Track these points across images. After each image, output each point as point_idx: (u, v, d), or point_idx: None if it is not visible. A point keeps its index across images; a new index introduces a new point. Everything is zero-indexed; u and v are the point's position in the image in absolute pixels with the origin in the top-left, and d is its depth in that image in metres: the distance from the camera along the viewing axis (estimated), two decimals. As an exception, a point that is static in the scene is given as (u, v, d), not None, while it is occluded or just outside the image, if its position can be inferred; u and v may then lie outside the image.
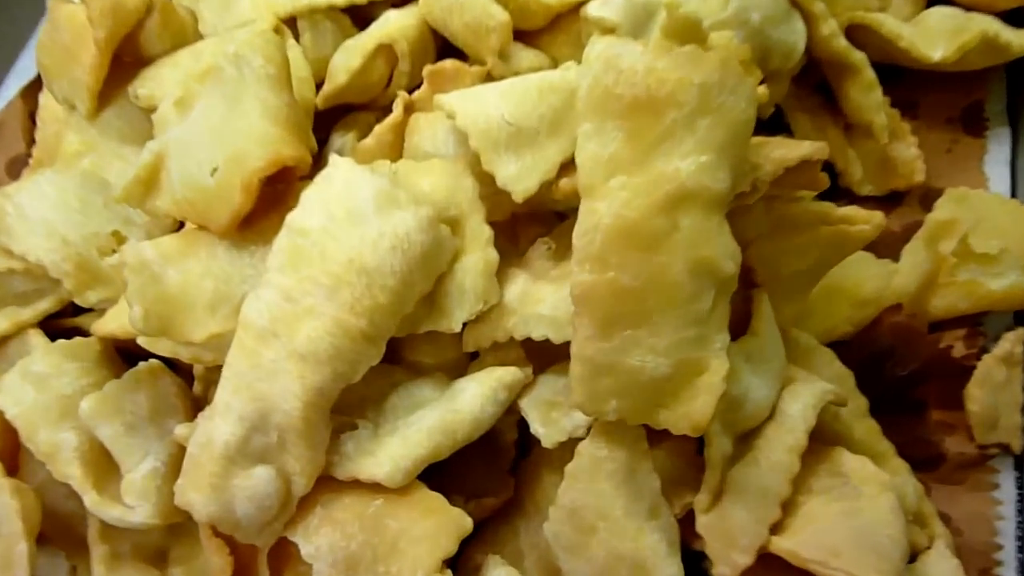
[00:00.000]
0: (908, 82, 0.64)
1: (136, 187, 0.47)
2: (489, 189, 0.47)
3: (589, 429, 0.45)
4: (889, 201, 0.61)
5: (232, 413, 0.41)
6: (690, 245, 0.41)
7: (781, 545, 0.44)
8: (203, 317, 0.44)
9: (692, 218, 0.41)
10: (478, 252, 0.47)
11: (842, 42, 0.57)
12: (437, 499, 0.43)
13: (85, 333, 0.53)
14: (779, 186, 0.47)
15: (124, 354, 0.53)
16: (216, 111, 0.47)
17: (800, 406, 0.46)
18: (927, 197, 0.61)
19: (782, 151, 0.45)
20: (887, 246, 0.57)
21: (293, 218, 0.44)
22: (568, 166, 0.47)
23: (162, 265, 0.45)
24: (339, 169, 0.45)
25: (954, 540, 0.50)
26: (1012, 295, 0.53)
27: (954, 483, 0.52)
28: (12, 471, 0.48)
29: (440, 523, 0.42)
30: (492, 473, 0.49)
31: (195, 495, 0.41)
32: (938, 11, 0.63)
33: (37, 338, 0.52)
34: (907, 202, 0.61)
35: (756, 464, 0.45)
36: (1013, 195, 0.61)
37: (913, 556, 0.46)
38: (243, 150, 0.45)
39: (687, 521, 0.46)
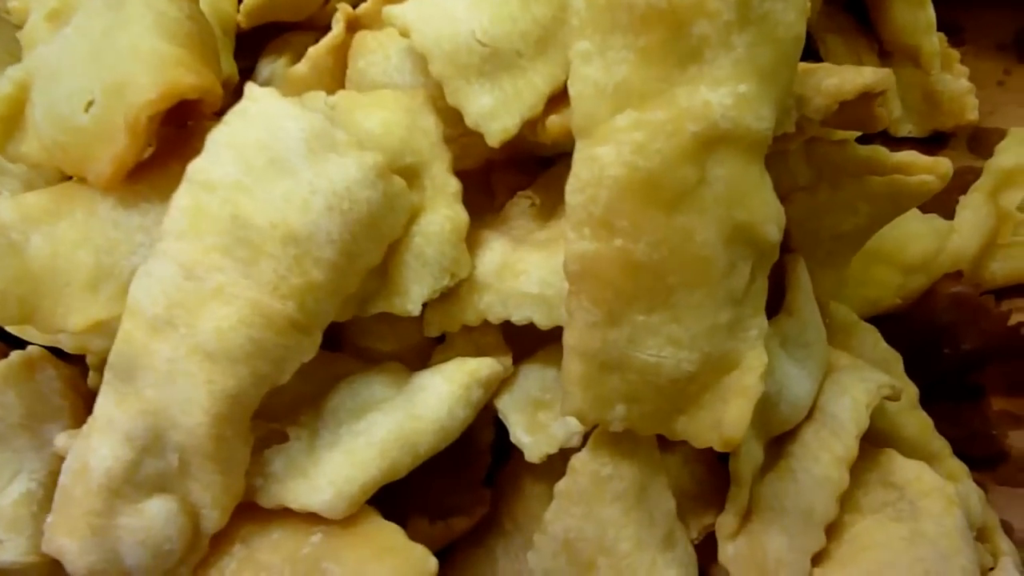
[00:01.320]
0: (951, 1, 0.55)
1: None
2: (456, 129, 0.37)
3: (586, 437, 0.35)
4: (932, 144, 0.53)
5: (116, 430, 0.31)
6: (724, 203, 0.31)
7: (828, 581, 0.35)
8: (81, 299, 0.34)
9: (726, 168, 0.31)
10: (442, 211, 0.37)
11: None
12: (392, 533, 0.34)
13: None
14: (826, 126, 0.37)
15: (4, 339, 0.42)
16: (95, 25, 0.36)
17: (848, 404, 0.37)
18: (977, 139, 0.52)
19: (835, 80, 0.35)
20: (934, 199, 0.48)
21: (196, 168, 0.33)
22: (559, 98, 0.36)
23: (24, 231, 0.34)
24: (258, 103, 0.34)
25: (1019, 554, 0.41)
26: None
27: (1019, 485, 0.43)
28: None
29: (396, 566, 0.32)
30: (462, 485, 0.40)
31: (68, 540, 0.31)
32: (992, -86, 0.54)
33: None
34: (954, 145, 0.53)
35: (794, 478, 0.36)
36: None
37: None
38: (127, 76, 0.33)
39: (706, 546, 0.37)
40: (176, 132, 0.36)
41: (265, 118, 0.34)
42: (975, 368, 0.44)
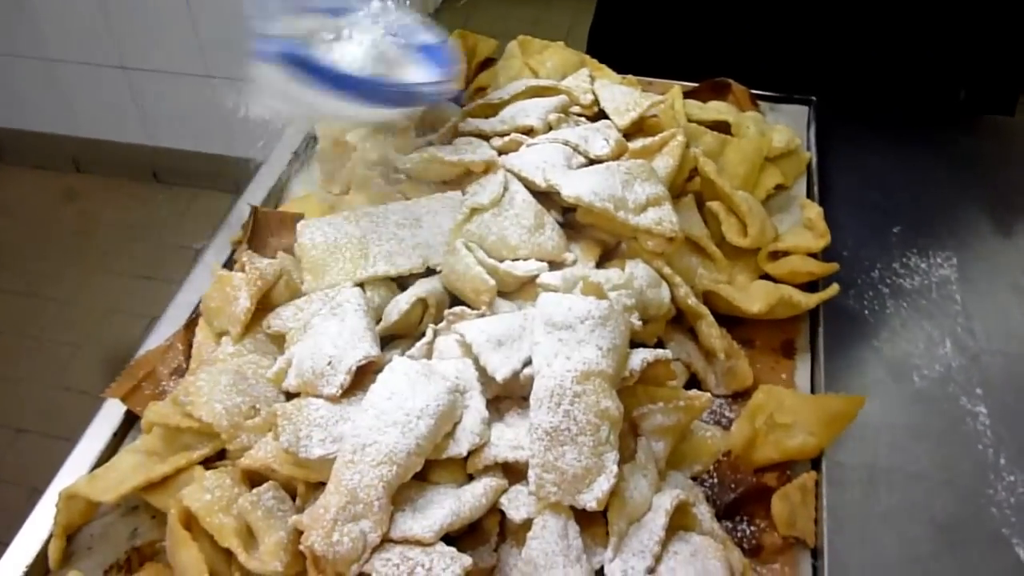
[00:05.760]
0: (748, 326, 1.02)
1: (279, 375, 0.82)
2: (483, 376, 0.82)
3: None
4: (733, 396, 0.97)
5: (341, 494, 0.73)
6: (596, 401, 0.75)
7: (654, 580, 0.74)
8: (319, 445, 0.77)
9: (595, 386, 0.76)
10: (477, 411, 0.81)
11: (692, 300, 0.95)
12: (449, 549, 0.74)
13: (225, 471, 0.84)
14: (647, 374, 0.83)
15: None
16: (325, 332, 0.83)
17: (667, 500, 0.78)
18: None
19: (644, 355, 0.81)
20: (728, 422, 0.92)
21: (373, 390, 0.78)
22: (528, 363, 0.82)
23: (323, 418, 0.78)
24: (398, 363, 0.80)
25: (770, 598, 0.80)
26: (803, 449, 0.87)
27: (770, 563, 0.82)
28: (190, 543, 0.78)
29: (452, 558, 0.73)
30: (482, 550, 0.80)
31: (317, 538, 0.72)
32: (759, 283, 1.03)
33: (200, 470, 0.83)
34: (747, 394, 0.96)
35: (639, 533, 0.77)
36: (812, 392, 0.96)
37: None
38: (344, 351, 0.80)
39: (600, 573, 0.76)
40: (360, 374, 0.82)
41: (402, 370, 0.79)
42: (745, 502, 0.85)
